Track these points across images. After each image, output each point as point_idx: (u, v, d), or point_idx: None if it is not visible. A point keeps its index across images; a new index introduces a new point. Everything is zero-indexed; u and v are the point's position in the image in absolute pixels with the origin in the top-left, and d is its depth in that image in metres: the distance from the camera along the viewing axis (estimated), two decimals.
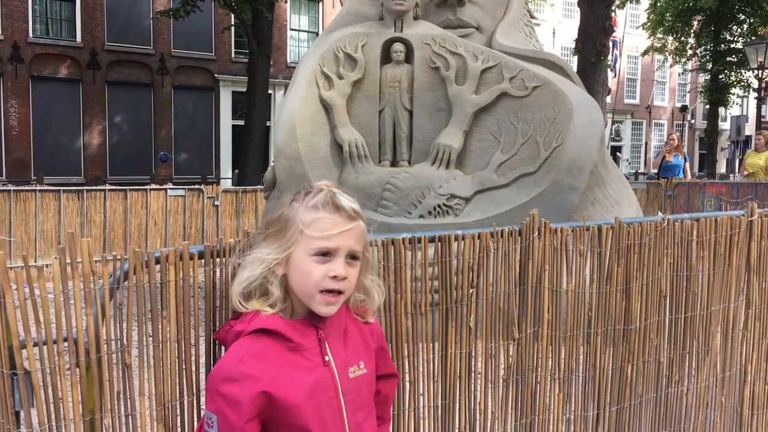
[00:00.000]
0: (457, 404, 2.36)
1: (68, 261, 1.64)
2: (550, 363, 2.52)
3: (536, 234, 2.45)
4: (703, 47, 29.27)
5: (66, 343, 1.66)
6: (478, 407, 2.41)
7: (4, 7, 22.57)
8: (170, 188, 9.78)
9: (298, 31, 28.99)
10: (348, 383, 1.62)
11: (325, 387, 1.58)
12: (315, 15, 29.35)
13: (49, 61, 23.70)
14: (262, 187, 7.64)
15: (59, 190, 8.85)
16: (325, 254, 1.56)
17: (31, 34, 23.18)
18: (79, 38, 24.13)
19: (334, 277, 1.55)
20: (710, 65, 28.74)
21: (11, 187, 8.59)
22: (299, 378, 1.55)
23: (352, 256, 1.59)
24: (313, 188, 1.62)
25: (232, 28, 23.28)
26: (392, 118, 5.89)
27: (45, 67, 23.62)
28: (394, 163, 5.90)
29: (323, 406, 1.57)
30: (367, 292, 1.71)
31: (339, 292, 1.58)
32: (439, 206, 5.59)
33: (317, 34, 26.18)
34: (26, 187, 8.82)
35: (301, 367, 1.57)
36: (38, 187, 8.81)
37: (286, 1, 22.08)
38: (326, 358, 1.60)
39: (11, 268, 1.60)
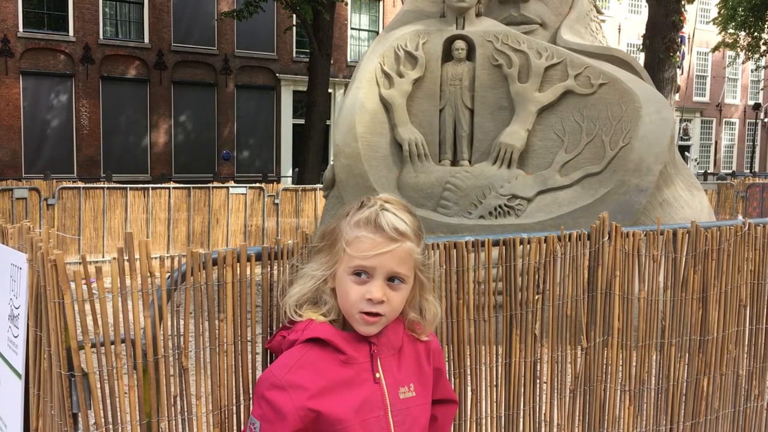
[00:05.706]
0: (522, 414, 2.26)
1: (126, 258, 1.62)
2: (620, 374, 2.40)
3: (606, 238, 2.33)
4: None
5: (123, 345, 1.64)
6: (543, 418, 2.31)
7: (77, 10, 23.36)
8: (232, 186, 9.93)
9: (359, 30, 29.08)
10: (398, 404, 1.55)
11: (375, 405, 1.52)
12: (375, 14, 29.40)
13: (118, 62, 24.42)
14: (321, 185, 7.65)
15: (126, 187, 9.07)
16: (361, 274, 1.50)
17: (101, 36, 23.93)
18: (146, 39, 24.80)
19: (370, 300, 1.49)
20: None
21: (81, 185, 8.85)
22: (348, 393, 1.50)
23: (392, 278, 1.52)
24: (366, 202, 1.56)
25: (294, 28, 23.49)
26: (453, 117, 5.79)
27: (114, 68, 24.36)
28: (454, 163, 5.80)
29: (371, 424, 1.51)
30: (422, 313, 1.64)
31: (377, 314, 1.51)
32: (500, 206, 5.47)
33: (378, 33, 26.20)
34: (95, 185, 9.07)
35: (352, 382, 1.52)
36: (106, 185, 9.04)
37: (346, 3, 22.16)
38: (377, 375, 1.54)
39: (77, 264, 1.59)
